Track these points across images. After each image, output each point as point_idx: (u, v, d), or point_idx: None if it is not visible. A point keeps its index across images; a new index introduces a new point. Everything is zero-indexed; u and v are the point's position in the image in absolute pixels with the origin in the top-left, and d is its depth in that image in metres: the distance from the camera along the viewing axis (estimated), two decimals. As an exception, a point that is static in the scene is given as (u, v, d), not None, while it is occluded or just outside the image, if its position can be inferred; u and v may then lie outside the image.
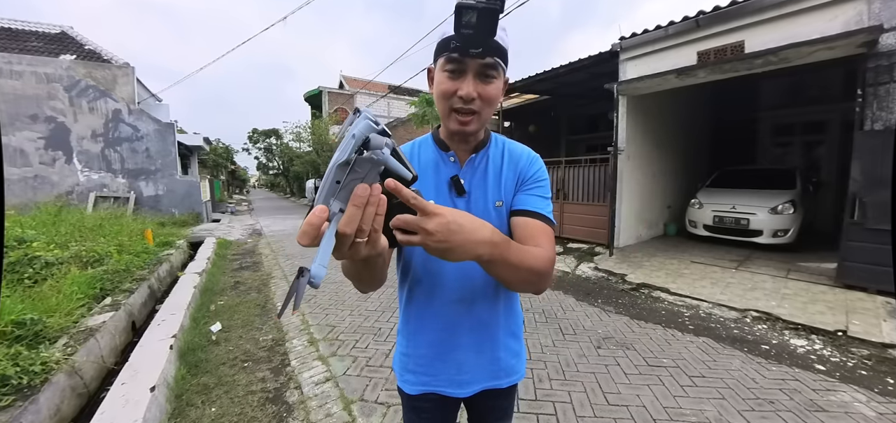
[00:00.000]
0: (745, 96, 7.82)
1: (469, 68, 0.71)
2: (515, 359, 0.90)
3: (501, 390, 0.89)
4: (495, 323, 0.85)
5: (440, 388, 0.85)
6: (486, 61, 0.71)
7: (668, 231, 7.20)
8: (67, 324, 2.73)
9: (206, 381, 2.43)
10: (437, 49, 0.75)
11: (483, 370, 0.86)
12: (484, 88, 0.73)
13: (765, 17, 4.48)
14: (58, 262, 3.84)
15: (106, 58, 10.66)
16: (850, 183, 3.80)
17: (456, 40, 0.69)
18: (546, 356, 2.78)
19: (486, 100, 0.74)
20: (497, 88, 0.75)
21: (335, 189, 0.43)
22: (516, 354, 0.91)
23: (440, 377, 0.85)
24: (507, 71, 0.78)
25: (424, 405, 0.87)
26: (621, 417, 2.08)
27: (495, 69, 0.73)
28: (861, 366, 2.60)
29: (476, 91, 0.72)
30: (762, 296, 3.79)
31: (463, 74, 0.72)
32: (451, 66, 0.72)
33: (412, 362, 0.87)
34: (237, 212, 16.38)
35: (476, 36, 0.66)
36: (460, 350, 0.84)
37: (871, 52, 3.75)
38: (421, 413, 0.89)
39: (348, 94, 23.71)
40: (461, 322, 0.82)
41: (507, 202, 0.82)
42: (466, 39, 0.67)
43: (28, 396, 1.90)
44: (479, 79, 0.73)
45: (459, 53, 0.70)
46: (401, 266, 0.86)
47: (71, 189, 9.67)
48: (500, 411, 0.94)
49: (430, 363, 0.85)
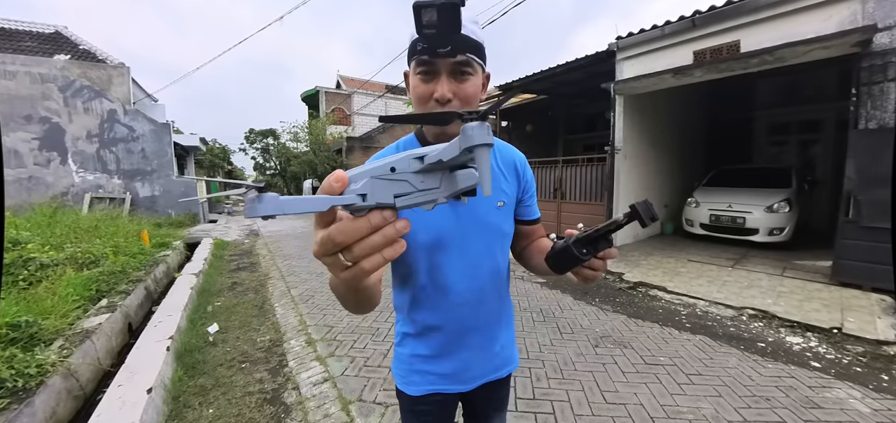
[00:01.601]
0: (741, 96, 7.87)
1: (441, 68, 0.69)
2: (511, 349, 0.94)
3: (500, 380, 0.92)
4: (497, 320, 0.88)
5: (445, 387, 0.86)
6: (458, 59, 0.69)
7: (664, 230, 7.23)
8: (63, 326, 2.71)
9: (204, 382, 2.42)
10: (409, 52, 0.72)
11: (486, 364, 0.88)
12: (460, 86, 0.71)
13: (760, 17, 4.51)
14: (53, 263, 3.81)
15: (101, 58, 10.59)
16: (845, 181, 3.83)
17: (421, 41, 0.67)
18: (544, 354, 2.78)
19: (464, 98, 0.72)
20: (474, 85, 0.73)
21: (382, 175, 0.35)
22: (512, 344, 0.95)
23: (447, 377, 0.85)
24: (485, 65, 0.76)
25: (426, 407, 0.87)
26: (619, 415, 2.09)
27: (469, 66, 0.71)
28: (856, 363, 2.62)
29: (451, 91, 0.70)
30: (758, 294, 3.82)
31: (436, 75, 0.70)
32: (422, 69, 0.71)
33: (419, 363, 0.86)
34: (234, 213, 16.32)
35: (440, 34, 0.63)
36: (467, 350, 0.84)
37: (865, 51, 3.77)
38: (421, 416, 0.88)
39: (345, 93, 23.66)
40: (468, 323, 0.83)
41: (509, 202, 0.85)
42: (431, 39, 0.65)
43: (23, 399, 1.89)
44: (453, 77, 0.70)
45: (428, 55, 0.68)
46: (399, 274, 0.85)
47: (66, 190, 9.60)
48: (498, 401, 0.96)
49: (438, 364, 0.85)
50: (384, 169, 0.35)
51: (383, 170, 0.35)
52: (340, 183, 0.34)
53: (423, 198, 0.37)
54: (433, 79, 0.70)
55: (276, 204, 0.31)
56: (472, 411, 0.96)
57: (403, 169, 0.36)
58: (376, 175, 0.35)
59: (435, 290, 0.80)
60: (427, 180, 0.37)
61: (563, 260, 0.62)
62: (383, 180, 0.35)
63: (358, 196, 0.34)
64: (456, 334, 0.83)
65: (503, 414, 0.98)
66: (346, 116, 23.13)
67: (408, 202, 0.36)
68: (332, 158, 16.88)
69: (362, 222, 0.34)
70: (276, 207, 0.31)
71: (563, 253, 0.61)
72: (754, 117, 8.17)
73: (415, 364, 0.86)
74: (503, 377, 0.92)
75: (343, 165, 14.95)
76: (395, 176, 0.36)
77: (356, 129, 21.81)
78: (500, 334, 0.89)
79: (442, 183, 0.37)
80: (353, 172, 0.35)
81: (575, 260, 0.60)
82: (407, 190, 0.36)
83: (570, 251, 0.60)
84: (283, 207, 0.32)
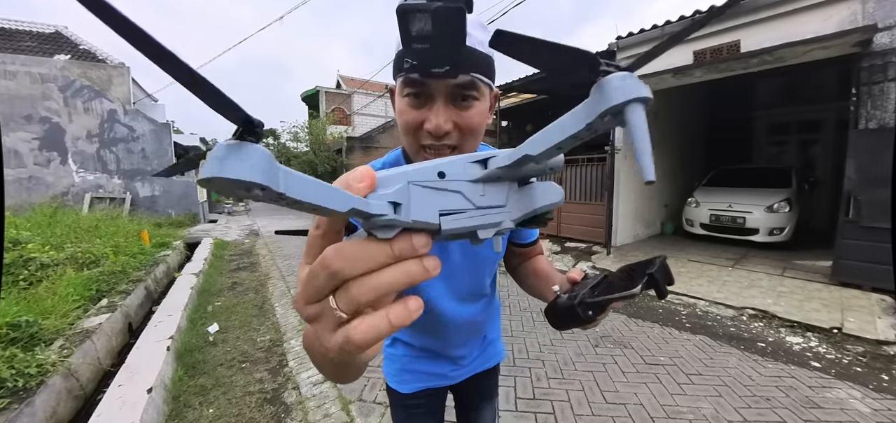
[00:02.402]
0: (741, 96, 7.86)
1: (436, 92, 0.53)
2: (499, 340, 0.98)
3: (488, 370, 0.95)
4: (486, 315, 0.89)
5: (436, 383, 0.88)
6: (459, 81, 0.52)
7: (665, 230, 7.23)
8: (63, 326, 2.71)
9: (204, 382, 2.42)
10: (394, 66, 0.54)
11: (475, 359, 0.91)
12: (461, 114, 0.54)
13: (760, 17, 4.51)
14: (53, 263, 3.81)
15: (101, 58, 10.60)
16: (845, 181, 3.82)
17: (410, 58, 0.50)
18: (544, 354, 2.78)
19: (466, 130, 0.56)
20: (480, 111, 0.56)
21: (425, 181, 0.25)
22: (498, 337, 0.98)
23: (439, 373, 0.87)
24: (494, 84, 0.59)
25: (418, 401, 0.88)
26: (619, 415, 2.09)
27: (474, 89, 0.54)
28: (856, 363, 2.62)
29: (450, 121, 0.54)
30: (758, 294, 3.82)
31: (429, 99, 0.54)
32: (411, 90, 0.54)
33: (411, 363, 0.87)
34: (234, 212, 16.32)
35: (436, 50, 0.46)
36: (459, 347, 0.86)
37: (865, 51, 3.77)
38: (412, 410, 0.90)
39: (345, 93, 23.66)
40: (460, 322, 0.83)
41: None
42: (424, 56, 0.49)
43: (24, 398, 1.89)
44: (452, 103, 0.54)
45: (419, 73, 0.51)
46: None
47: (66, 190, 9.60)
48: (487, 390, 0.97)
49: (429, 364, 0.87)
50: (428, 172, 0.25)
51: (426, 173, 0.25)
52: (367, 183, 0.24)
53: (481, 219, 0.26)
54: (425, 104, 0.54)
55: (264, 170, 0.19)
56: (462, 401, 0.99)
57: (456, 174, 0.26)
58: (416, 180, 0.25)
59: (428, 293, 0.76)
60: (489, 194, 0.26)
61: (565, 319, 0.53)
62: (426, 189, 0.25)
63: (389, 205, 0.24)
64: (449, 331, 0.84)
65: (493, 402, 1.00)
66: (346, 116, 23.13)
67: (458, 225, 0.25)
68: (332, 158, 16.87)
69: (379, 247, 0.23)
70: (263, 173, 0.18)
71: (566, 313, 0.52)
72: (754, 117, 8.17)
73: (407, 364, 0.87)
74: (491, 368, 0.95)
75: (343, 166, 14.94)
76: (444, 184, 0.25)
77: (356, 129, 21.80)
78: (488, 331, 0.93)
79: (509, 200, 0.27)
80: (382, 173, 0.25)
81: (579, 322, 0.51)
82: (459, 206, 0.26)
83: (575, 313, 0.50)
84: (277, 181, 0.19)
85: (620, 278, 0.51)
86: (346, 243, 0.24)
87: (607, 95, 0.21)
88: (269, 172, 0.19)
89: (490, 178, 0.27)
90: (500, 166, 0.26)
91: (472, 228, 0.26)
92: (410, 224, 0.24)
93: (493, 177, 0.26)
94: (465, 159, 0.26)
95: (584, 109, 0.22)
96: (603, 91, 0.21)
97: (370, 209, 0.23)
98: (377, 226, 0.24)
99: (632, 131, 0.20)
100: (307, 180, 0.21)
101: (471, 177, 0.26)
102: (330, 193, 0.21)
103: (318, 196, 0.21)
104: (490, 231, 0.27)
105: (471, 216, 0.26)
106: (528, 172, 0.28)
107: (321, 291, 0.25)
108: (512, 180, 0.28)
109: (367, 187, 0.24)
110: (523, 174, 0.28)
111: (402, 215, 0.24)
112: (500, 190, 0.27)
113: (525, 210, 0.28)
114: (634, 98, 0.20)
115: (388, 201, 0.24)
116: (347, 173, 0.24)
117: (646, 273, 0.45)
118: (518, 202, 0.28)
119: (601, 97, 0.21)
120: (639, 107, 0.21)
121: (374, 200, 0.23)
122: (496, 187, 0.27)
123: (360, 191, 0.24)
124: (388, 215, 0.23)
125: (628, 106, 0.20)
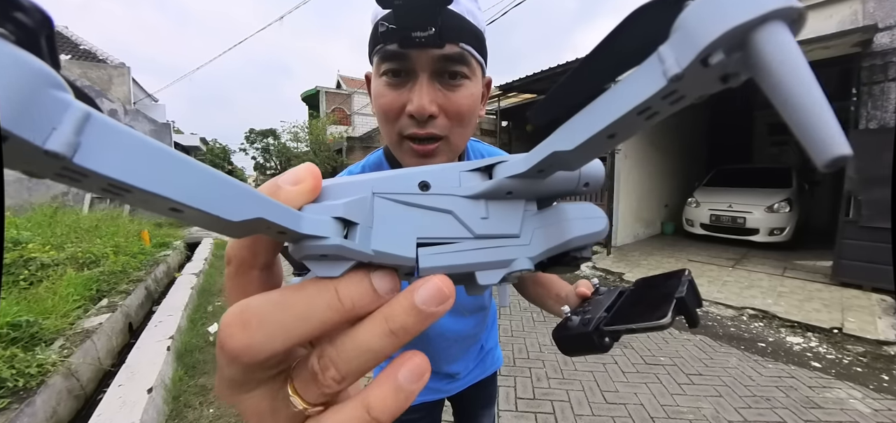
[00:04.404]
0: (741, 95, 7.86)
1: (419, 66, 0.45)
2: (496, 348, 0.95)
3: (486, 378, 0.93)
4: (483, 325, 0.87)
5: (434, 396, 0.86)
6: (447, 52, 0.44)
7: (665, 230, 7.23)
8: (63, 326, 2.71)
9: (204, 382, 2.43)
10: (370, 43, 0.48)
11: (474, 370, 0.89)
12: (448, 96, 0.47)
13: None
14: (54, 263, 3.81)
15: (101, 58, 10.61)
16: (846, 181, 3.82)
17: (388, 21, 0.42)
18: (544, 355, 2.78)
19: (455, 115, 0.47)
20: (470, 94, 0.48)
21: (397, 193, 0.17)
22: (496, 344, 0.96)
23: (435, 388, 0.85)
24: (486, 66, 0.52)
25: (415, 415, 0.86)
26: (619, 415, 2.09)
27: (464, 64, 0.46)
28: (856, 363, 2.62)
29: (435, 103, 0.46)
30: (758, 294, 3.82)
31: (411, 76, 0.46)
32: (389, 66, 0.46)
33: None
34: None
35: (419, 7, 0.39)
36: (456, 361, 0.84)
37: (865, 51, 3.77)
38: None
39: (346, 93, 23.67)
40: (456, 337, 0.81)
41: None
42: (404, 16, 0.40)
43: (24, 398, 1.89)
44: (437, 81, 0.46)
45: (399, 43, 0.43)
46: None
47: (66, 190, 9.60)
48: (486, 398, 0.96)
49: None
50: (404, 181, 0.17)
51: (402, 182, 0.17)
52: (306, 186, 0.16)
53: (482, 255, 0.18)
54: (406, 83, 0.46)
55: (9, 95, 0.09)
56: (461, 409, 0.97)
57: (446, 186, 0.18)
58: (386, 191, 0.17)
59: None
60: (495, 217, 0.18)
61: (578, 347, 0.45)
62: (399, 205, 0.17)
63: (335, 223, 0.15)
64: (444, 345, 0.81)
65: (491, 410, 0.99)
66: (346, 116, 23.13)
67: (446, 263, 0.17)
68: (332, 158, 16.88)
69: (321, 294, 0.15)
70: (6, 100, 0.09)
71: (580, 341, 0.43)
72: (754, 117, 8.17)
73: None
74: (489, 376, 0.93)
75: (344, 166, 14.94)
76: (427, 199, 0.17)
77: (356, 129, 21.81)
78: (486, 341, 0.90)
79: (525, 227, 0.19)
80: (337, 180, 0.17)
81: (593, 350, 0.42)
82: (448, 232, 0.17)
83: (591, 341, 0.42)
84: (44, 125, 0.09)
85: (638, 295, 0.44)
86: (275, 293, 0.15)
87: (714, 16, 0.11)
88: (24, 100, 0.09)
89: (497, 193, 0.18)
90: (513, 175, 0.17)
91: (466, 266, 0.17)
92: (370, 257, 0.15)
93: (502, 192, 0.18)
94: (459, 166, 0.19)
95: (660, 60, 0.12)
96: (702, 15, 0.11)
97: (299, 226, 0.14)
98: (312, 256, 0.15)
99: (779, 74, 0.11)
100: (143, 145, 0.11)
101: (468, 191, 0.18)
102: (209, 186, 0.13)
103: (175, 184, 0.12)
104: (494, 274, 0.18)
105: (466, 249, 0.17)
106: (553, 188, 0.19)
107: (237, 385, 0.16)
108: (529, 199, 0.19)
109: (305, 192, 0.15)
110: (547, 191, 0.19)
111: (355, 241, 0.15)
112: (511, 212, 0.18)
113: (550, 244, 0.19)
114: (773, 10, 0.10)
115: (332, 216, 0.15)
116: (288, 172, 0.16)
117: (674, 297, 0.38)
118: (539, 231, 0.19)
119: (700, 25, 0.11)
120: (781, 27, 0.11)
121: (310, 215, 0.15)
122: (506, 207, 0.18)
123: (294, 197, 0.15)
124: (329, 238, 0.15)
125: (763, 27, 0.11)
